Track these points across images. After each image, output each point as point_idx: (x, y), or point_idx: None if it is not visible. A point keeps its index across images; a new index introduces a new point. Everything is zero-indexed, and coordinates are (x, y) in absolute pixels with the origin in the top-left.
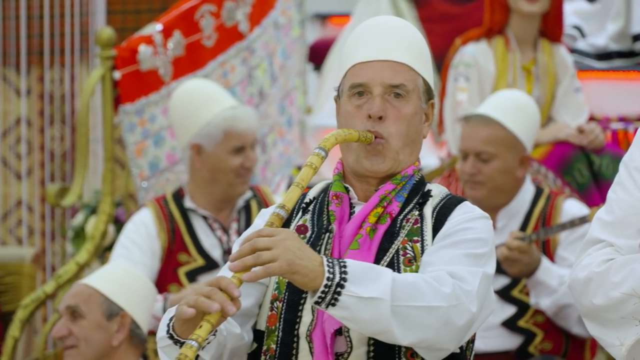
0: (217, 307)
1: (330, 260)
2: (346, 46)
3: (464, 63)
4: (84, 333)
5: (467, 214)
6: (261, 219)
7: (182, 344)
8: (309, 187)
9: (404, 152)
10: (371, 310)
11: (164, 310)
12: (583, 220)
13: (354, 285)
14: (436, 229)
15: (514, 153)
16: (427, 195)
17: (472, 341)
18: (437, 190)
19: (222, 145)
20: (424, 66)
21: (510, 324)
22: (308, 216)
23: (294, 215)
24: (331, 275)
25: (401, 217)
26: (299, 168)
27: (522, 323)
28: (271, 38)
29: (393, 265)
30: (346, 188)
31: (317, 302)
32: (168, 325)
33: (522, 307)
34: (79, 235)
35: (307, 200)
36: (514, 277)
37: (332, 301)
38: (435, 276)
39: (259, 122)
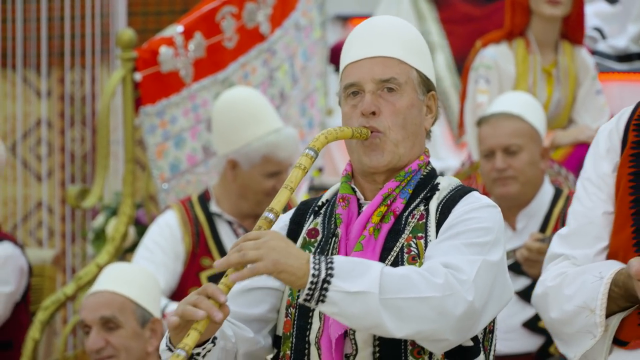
0: (202, 314)
1: (317, 258)
2: (343, 49)
3: (484, 65)
4: (123, 343)
5: (472, 204)
6: (276, 224)
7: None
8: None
9: (404, 145)
10: (360, 305)
11: None
12: None
13: (340, 280)
14: (440, 222)
15: (537, 145)
16: (434, 189)
17: (490, 331)
18: (446, 183)
19: (258, 168)
20: (419, 58)
21: (531, 325)
22: (319, 219)
23: (307, 218)
24: (316, 272)
25: (406, 213)
26: (320, 170)
27: (542, 324)
28: (292, 39)
29: (397, 263)
30: (353, 189)
31: (305, 300)
32: (167, 337)
33: None
34: (100, 237)
35: (320, 203)
36: (534, 278)
37: (321, 297)
38: (427, 267)
39: (298, 144)
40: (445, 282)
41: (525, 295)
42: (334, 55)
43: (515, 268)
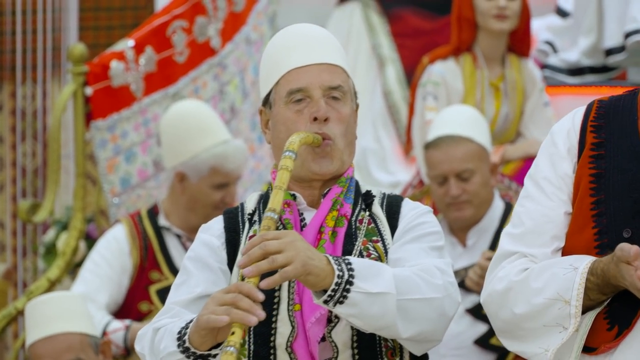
0: (255, 320)
1: (335, 258)
2: (271, 56)
3: (432, 82)
4: None
5: (416, 209)
6: (204, 233)
7: (199, 356)
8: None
9: (346, 153)
10: (379, 305)
11: (125, 339)
12: None
13: (362, 281)
14: (392, 226)
15: (487, 164)
16: (370, 196)
17: None
18: (375, 190)
19: (206, 180)
20: (349, 69)
21: (482, 342)
22: (257, 226)
23: (242, 227)
24: (341, 273)
25: (353, 218)
26: (271, 184)
27: (494, 341)
28: (243, 54)
29: None
30: (293, 195)
31: (325, 302)
32: (180, 339)
33: None
34: (51, 251)
35: (250, 211)
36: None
37: (341, 299)
38: (423, 269)
39: (247, 156)
40: (443, 284)
41: (475, 312)
42: None
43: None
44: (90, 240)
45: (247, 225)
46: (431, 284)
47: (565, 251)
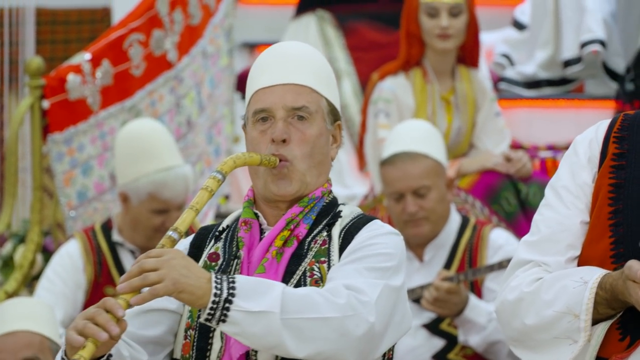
0: (104, 336)
1: (219, 277)
2: (250, 75)
3: (383, 99)
4: None
5: (375, 230)
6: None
7: None
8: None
9: (310, 174)
10: (261, 324)
11: None
12: (510, 262)
13: (242, 300)
14: (343, 248)
15: (443, 179)
16: (336, 216)
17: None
18: (349, 211)
19: (146, 204)
20: (328, 88)
21: (440, 358)
22: (220, 244)
23: (207, 243)
24: (218, 292)
25: (309, 239)
26: (227, 197)
27: (451, 356)
28: (199, 67)
29: (300, 286)
30: (256, 214)
31: (207, 320)
32: (62, 350)
33: (452, 340)
34: (8, 264)
35: (220, 228)
36: (443, 317)
37: (222, 317)
38: (329, 288)
39: (191, 184)
40: (347, 303)
41: (431, 327)
42: (241, 83)
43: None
44: (47, 254)
45: (212, 241)
46: (332, 303)
47: (582, 260)
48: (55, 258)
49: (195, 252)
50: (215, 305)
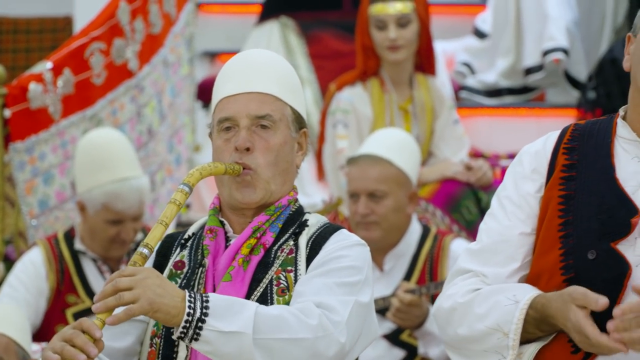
0: (83, 358)
1: (192, 296)
2: (216, 82)
3: (341, 110)
4: None
5: (342, 241)
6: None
7: None
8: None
9: (275, 182)
10: (233, 344)
11: None
12: None
13: (215, 319)
14: (310, 258)
15: (404, 190)
16: (303, 225)
17: None
18: (315, 220)
19: (100, 215)
20: (293, 96)
21: None
22: (186, 252)
23: (173, 250)
24: (192, 311)
25: (276, 247)
26: (187, 206)
27: None
28: (160, 76)
29: (266, 295)
30: (221, 222)
31: (180, 337)
32: None
33: (412, 351)
34: None
35: (186, 236)
36: (403, 328)
37: (195, 336)
38: (301, 307)
39: (147, 195)
40: (319, 324)
41: (391, 338)
42: (202, 92)
43: (383, 311)
44: (9, 262)
45: (178, 249)
46: (304, 324)
47: (532, 273)
48: (18, 265)
49: (161, 260)
50: (188, 324)
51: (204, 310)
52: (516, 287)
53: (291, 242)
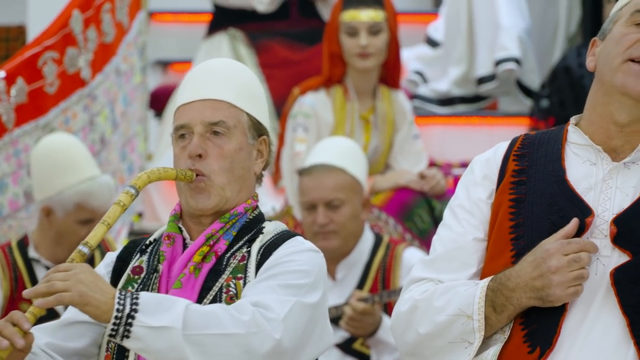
0: (5, 344)
1: (123, 293)
2: (177, 91)
3: (302, 113)
4: None
5: (294, 247)
6: (104, 260)
7: None
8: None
9: (230, 189)
10: (164, 340)
11: None
12: None
13: (144, 315)
14: (260, 264)
15: (359, 197)
16: (258, 232)
17: None
18: (272, 228)
19: (72, 215)
20: (251, 102)
21: None
22: (145, 257)
23: (134, 256)
24: (121, 307)
25: (228, 254)
26: (140, 215)
27: None
28: (113, 85)
29: (215, 302)
30: (180, 228)
31: (111, 335)
32: None
33: None
34: None
35: (147, 242)
36: (356, 337)
37: (125, 333)
38: (235, 305)
39: (114, 192)
40: (252, 319)
41: (344, 347)
42: (154, 101)
43: (336, 320)
44: None
45: (138, 255)
46: (236, 320)
47: (484, 277)
48: None
49: (120, 265)
50: (118, 321)
51: (134, 307)
52: (474, 280)
53: (244, 250)
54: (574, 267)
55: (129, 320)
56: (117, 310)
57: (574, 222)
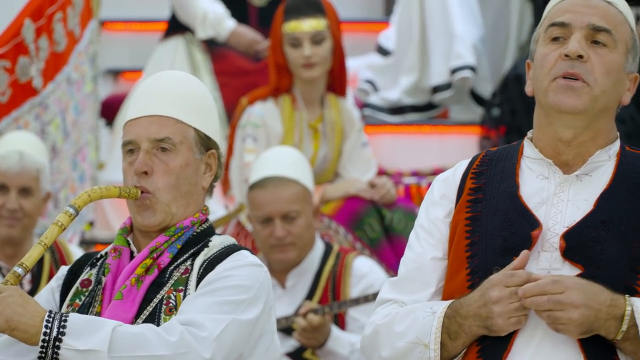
0: None
1: (51, 315)
2: (126, 104)
3: (251, 123)
4: None
5: (236, 261)
6: (59, 272)
7: None
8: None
9: (177, 205)
10: None
11: None
12: (376, 295)
13: (72, 338)
14: (202, 277)
15: (311, 206)
16: (204, 246)
17: None
18: (219, 241)
19: None
20: (198, 117)
21: None
22: (94, 270)
23: (84, 269)
24: (48, 330)
25: (172, 267)
26: (91, 223)
27: None
28: (64, 94)
29: (155, 314)
30: (128, 241)
31: (40, 358)
32: None
33: None
34: None
35: (99, 255)
36: (307, 347)
37: (54, 356)
38: (164, 326)
39: (41, 173)
40: (180, 340)
41: (295, 356)
42: (105, 109)
43: (287, 330)
44: None
45: (89, 268)
46: (164, 341)
47: (445, 297)
48: None
49: (70, 278)
50: (45, 344)
51: (61, 330)
52: (433, 302)
53: (188, 263)
54: (515, 299)
55: (57, 344)
56: (44, 333)
57: (524, 255)
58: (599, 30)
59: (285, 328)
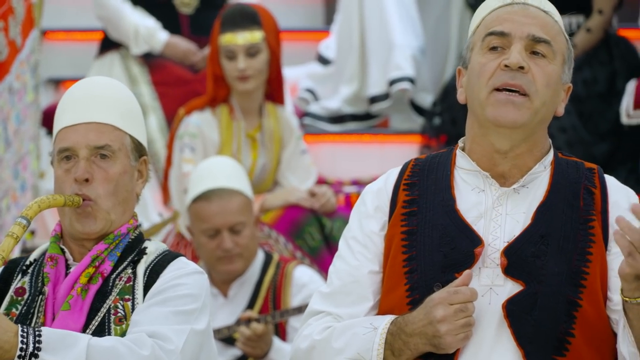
0: None
1: (25, 330)
2: (57, 110)
3: (188, 133)
4: None
5: (180, 269)
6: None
7: None
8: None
9: (115, 212)
10: None
11: None
12: None
13: (48, 354)
14: (148, 286)
15: (253, 216)
16: (142, 252)
17: None
18: (154, 248)
19: None
20: (132, 124)
21: None
22: (27, 278)
23: (15, 277)
24: (24, 346)
25: (114, 275)
26: (33, 232)
27: None
28: (6, 103)
29: (104, 324)
30: (62, 250)
31: None
32: None
33: None
34: None
35: (27, 262)
36: (249, 356)
37: None
38: (134, 338)
39: None
40: (152, 354)
41: None
42: (47, 119)
43: (229, 340)
44: None
45: (20, 276)
46: (136, 355)
47: (382, 311)
48: None
49: (2, 286)
50: None
51: (37, 345)
52: (372, 318)
53: (129, 270)
54: (460, 316)
55: (33, 359)
56: (21, 349)
57: (467, 274)
58: (539, 41)
59: (227, 337)
